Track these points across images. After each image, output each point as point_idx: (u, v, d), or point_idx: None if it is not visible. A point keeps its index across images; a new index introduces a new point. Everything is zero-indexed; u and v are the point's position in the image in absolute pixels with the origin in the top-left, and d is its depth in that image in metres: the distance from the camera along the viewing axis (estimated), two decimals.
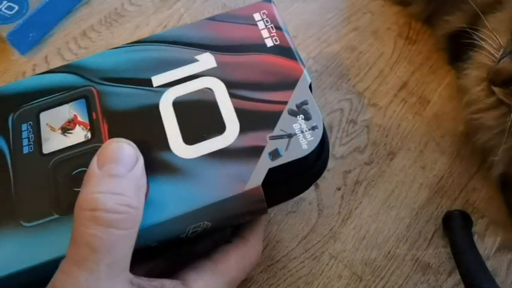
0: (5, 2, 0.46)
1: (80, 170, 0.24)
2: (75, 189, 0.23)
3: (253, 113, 0.26)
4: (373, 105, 0.47)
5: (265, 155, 0.24)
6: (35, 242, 0.23)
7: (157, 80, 0.27)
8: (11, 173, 0.25)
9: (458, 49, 0.45)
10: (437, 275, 0.38)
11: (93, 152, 0.23)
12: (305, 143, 0.25)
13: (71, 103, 0.27)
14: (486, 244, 0.40)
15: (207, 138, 0.25)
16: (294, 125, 0.25)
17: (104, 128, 0.26)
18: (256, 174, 0.24)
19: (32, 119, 0.26)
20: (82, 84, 0.27)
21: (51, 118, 0.26)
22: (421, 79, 0.49)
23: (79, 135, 0.26)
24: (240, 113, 0.26)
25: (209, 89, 0.27)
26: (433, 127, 0.46)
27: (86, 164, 0.23)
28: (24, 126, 0.26)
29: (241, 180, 0.24)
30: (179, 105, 0.26)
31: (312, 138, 0.25)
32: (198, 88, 0.27)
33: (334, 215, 0.40)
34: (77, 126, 0.26)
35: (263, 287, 0.36)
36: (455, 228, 0.39)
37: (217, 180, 0.24)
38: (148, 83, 0.27)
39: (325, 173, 0.42)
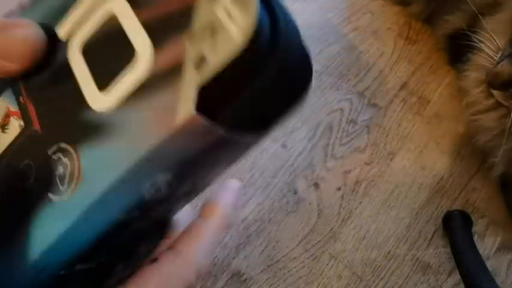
0: None
1: (24, 163, 0.21)
2: (25, 184, 0.21)
3: (165, 18, 0.19)
4: (373, 105, 0.47)
5: (188, 67, 0.17)
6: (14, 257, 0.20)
7: (61, 30, 0.22)
8: None
9: (457, 50, 0.46)
10: (437, 275, 0.38)
11: (29, 140, 0.21)
12: (235, 30, 0.16)
13: (2, 95, 0.23)
14: (486, 244, 0.40)
15: (119, 75, 0.19)
16: (217, 11, 0.17)
17: (32, 110, 0.22)
18: (185, 98, 0.17)
19: None
20: None
21: None
22: (421, 79, 0.49)
23: (15, 127, 0.22)
24: (149, 25, 0.19)
25: (112, 14, 0.20)
26: (433, 127, 0.46)
27: (27, 156, 0.21)
28: None
29: (170, 113, 0.18)
30: (88, 50, 0.21)
31: (243, 20, 0.16)
32: (101, 20, 0.21)
33: (334, 215, 0.40)
34: (11, 118, 0.22)
35: (263, 287, 0.36)
36: (455, 228, 0.39)
37: (145, 123, 0.18)
38: (54, 38, 0.22)
39: (324, 173, 0.42)
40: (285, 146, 0.44)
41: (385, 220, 0.40)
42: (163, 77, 0.18)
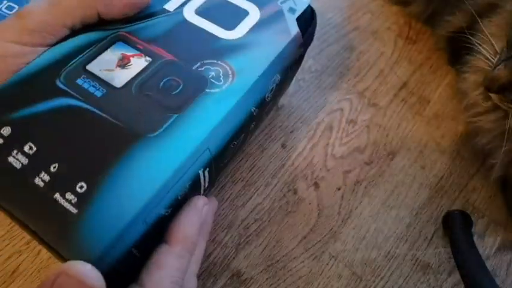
0: (5, 2, 0.46)
1: (165, 80, 0.27)
2: (173, 92, 0.26)
3: None
4: (373, 105, 0.47)
5: (286, 13, 0.32)
6: (167, 145, 0.24)
7: (170, 5, 0.31)
8: (102, 113, 0.25)
9: (457, 52, 0.46)
10: (437, 275, 0.38)
11: (166, 65, 0.27)
12: None
13: (109, 49, 0.28)
14: (486, 244, 0.40)
15: (241, 21, 0.31)
16: None
17: (158, 49, 0.28)
18: (291, 25, 0.32)
19: (83, 73, 0.26)
20: (107, 34, 0.29)
21: (101, 64, 0.27)
22: (421, 79, 0.49)
23: (140, 63, 0.28)
24: None
25: None
26: (433, 127, 0.46)
27: (167, 75, 0.27)
28: (79, 81, 0.26)
29: (285, 32, 0.31)
30: (202, 12, 0.31)
31: None
32: None
33: (334, 215, 0.40)
34: (131, 59, 0.28)
35: (263, 287, 0.36)
36: (455, 228, 0.39)
37: (270, 40, 0.31)
38: (164, 11, 0.31)
39: (325, 173, 0.43)
40: (284, 146, 0.44)
41: (385, 220, 0.40)
42: (268, 19, 0.32)
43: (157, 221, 0.24)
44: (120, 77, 0.27)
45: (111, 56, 0.28)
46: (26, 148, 0.23)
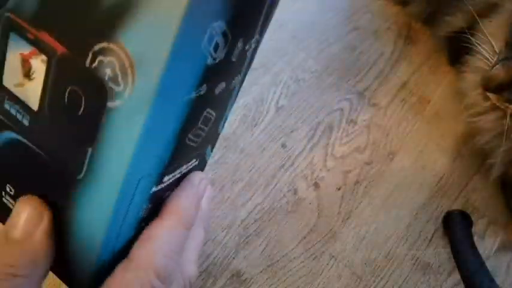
0: None
1: (67, 93, 0.20)
2: (79, 113, 0.20)
3: None
4: (373, 105, 0.47)
5: None
6: (95, 189, 0.21)
7: None
8: (36, 149, 0.22)
9: (457, 52, 0.46)
10: (437, 275, 0.38)
11: (61, 66, 0.20)
12: None
13: (9, 48, 0.22)
14: (486, 244, 0.40)
15: None
16: None
17: (47, 38, 0.20)
18: None
19: (4, 93, 0.22)
20: None
21: (11, 77, 0.22)
22: (421, 79, 0.49)
23: (39, 67, 0.21)
24: None
25: None
26: (433, 127, 0.46)
27: (66, 83, 0.20)
28: (6, 105, 0.22)
29: None
30: None
31: None
32: None
33: (334, 215, 0.40)
34: (31, 61, 0.21)
35: (263, 287, 0.36)
36: (455, 228, 0.39)
37: None
38: None
39: (325, 173, 0.43)
40: (284, 146, 0.44)
41: (385, 220, 0.40)
42: None
43: (128, 241, 0.22)
44: (32, 95, 0.21)
45: (14, 61, 0.22)
46: None
